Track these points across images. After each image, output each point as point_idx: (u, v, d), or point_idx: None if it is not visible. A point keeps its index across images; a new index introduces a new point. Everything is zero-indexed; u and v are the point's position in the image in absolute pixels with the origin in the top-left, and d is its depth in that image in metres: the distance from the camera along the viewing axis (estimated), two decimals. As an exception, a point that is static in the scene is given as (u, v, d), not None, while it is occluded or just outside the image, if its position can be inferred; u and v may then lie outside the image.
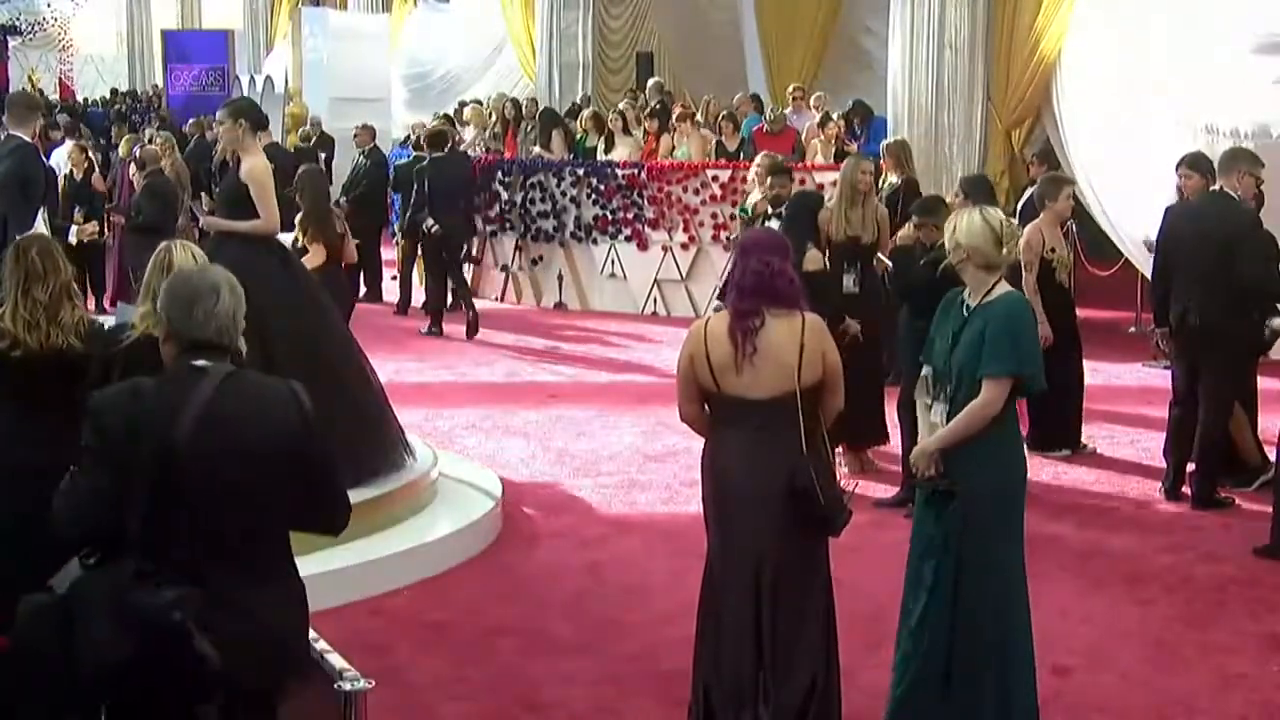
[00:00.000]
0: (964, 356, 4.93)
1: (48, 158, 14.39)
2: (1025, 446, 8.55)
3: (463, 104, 19.75)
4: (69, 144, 15.52)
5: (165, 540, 3.55)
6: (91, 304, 13.95)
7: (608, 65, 21.00)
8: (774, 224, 8.73)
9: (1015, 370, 4.90)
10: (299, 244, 10.58)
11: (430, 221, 13.83)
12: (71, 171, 14.12)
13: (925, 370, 5.08)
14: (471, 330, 13.50)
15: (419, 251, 14.69)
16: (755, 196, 10.59)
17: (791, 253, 5.06)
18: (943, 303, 5.18)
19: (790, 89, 16.98)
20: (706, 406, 4.99)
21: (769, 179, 9.73)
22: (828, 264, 8.46)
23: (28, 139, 9.37)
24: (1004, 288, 5.02)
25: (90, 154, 14.96)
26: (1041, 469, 8.75)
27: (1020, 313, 5.00)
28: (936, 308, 5.24)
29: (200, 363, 3.68)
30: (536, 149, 16.09)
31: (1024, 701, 5.03)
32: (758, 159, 11.26)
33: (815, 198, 9.11)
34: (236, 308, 3.77)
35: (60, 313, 4.88)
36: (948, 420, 4.94)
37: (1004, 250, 5.01)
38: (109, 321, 6.75)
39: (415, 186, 14.24)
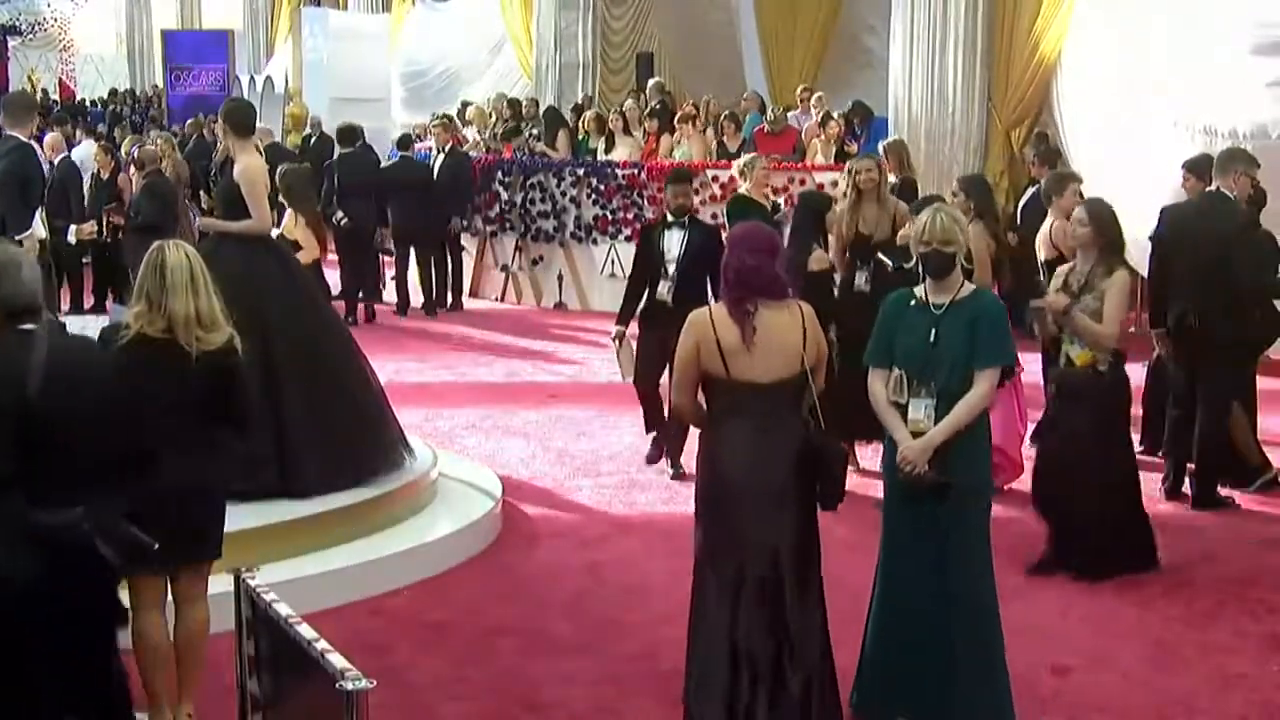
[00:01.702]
0: (955, 351, 5.03)
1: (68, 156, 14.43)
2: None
3: (466, 104, 19.77)
4: (89, 143, 15.53)
5: (37, 475, 4.06)
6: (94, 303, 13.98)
7: (609, 66, 21.00)
8: (676, 233, 8.50)
9: (1007, 361, 5.15)
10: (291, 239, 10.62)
11: (339, 214, 14.36)
12: (98, 171, 14.15)
13: (896, 371, 5.13)
14: (368, 316, 14.33)
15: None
16: (744, 186, 10.64)
17: (779, 248, 5.15)
18: (891, 306, 5.27)
19: (799, 90, 17.01)
20: (703, 399, 5.07)
21: (668, 188, 8.84)
22: (837, 263, 8.58)
23: (25, 139, 9.37)
24: (969, 284, 5.24)
25: (114, 154, 14.95)
26: (1041, 469, 8.75)
27: (1003, 308, 5.25)
28: None
29: (26, 326, 4.18)
30: (540, 146, 16.11)
31: (1007, 698, 5.09)
32: (743, 159, 11.26)
33: (821, 198, 9.11)
34: (35, 279, 4.29)
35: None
36: (936, 414, 4.99)
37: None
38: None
39: (325, 180, 14.89)
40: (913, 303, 5.18)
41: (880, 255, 8.61)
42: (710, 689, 4.97)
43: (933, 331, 5.07)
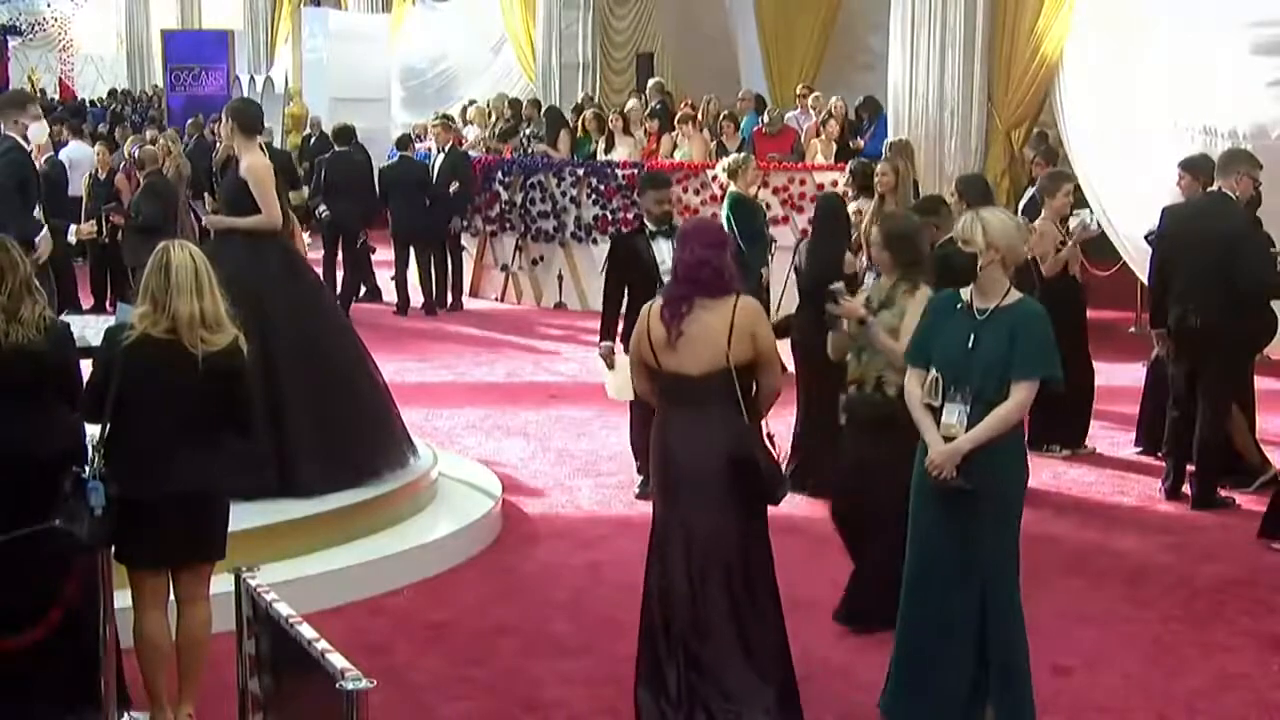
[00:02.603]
0: (991, 358, 4.94)
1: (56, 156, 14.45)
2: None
3: (472, 103, 19.78)
4: (76, 144, 15.51)
5: None
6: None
7: (612, 66, 20.99)
8: (664, 241, 7.84)
9: (1047, 374, 4.98)
10: None
11: (322, 208, 14.78)
12: (96, 171, 14.14)
13: (932, 373, 5.09)
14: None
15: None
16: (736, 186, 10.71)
17: (727, 242, 5.24)
18: (936, 306, 5.22)
19: (797, 89, 17.00)
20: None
21: (649, 194, 8.25)
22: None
23: (19, 138, 9.36)
24: (1017, 292, 5.07)
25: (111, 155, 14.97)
26: (1041, 469, 8.74)
27: (1046, 318, 5.07)
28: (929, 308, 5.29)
29: None
30: (540, 146, 16.11)
31: (1029, 705, 5.07)
32: (731, 158, 11.29)
33: (836, 197, 9.11)
34: None
35: (20, 309, 4.88)
36: (969, 421, 4.95)
37: (1026, 248, 5.08)
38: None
39: (314, 176, 15.38)
40: (959, 305, 5.09)
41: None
42: (643, 674, 5.15)
43: (972, 336, 4.99)
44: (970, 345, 4.98)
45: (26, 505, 4.72)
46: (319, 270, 14.60)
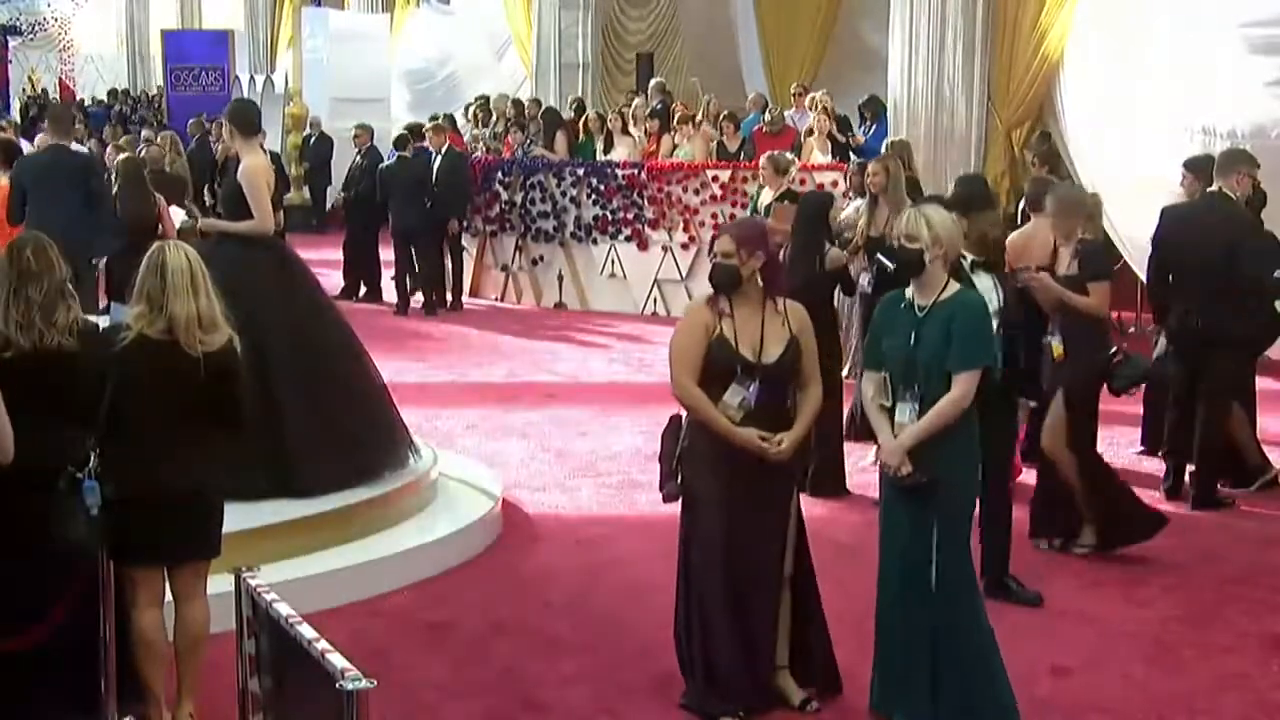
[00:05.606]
0: (931, 353, 4.99)
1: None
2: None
3: (471, 105, 19.82)
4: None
5: None
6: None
7: (620, 67, 21.02)
8: (985, 278, 6.70)
9: (985, 362, 5.03)
10: None
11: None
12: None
13: (881, 373, 5.14)
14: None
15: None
16: (766, 196, 10.67)
17: (762, 240, 5.34)
18: (883, 306, 5.26)
19: (792, 88, 17.02)
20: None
21: (983, 214, 6.83)
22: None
23: (78, 147, 9.80)
24: (955, 285, 5.13)
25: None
26: (1041, 469, 8.75)
27: (985, 309, 5.20)
28: None
29: None
30: (538, 149, 16.12)
31: (1004, 684, 5.09)
32: (764, 158, 11.30)
33: (823, 197, 9.14)
34: None
35: (55, 313, 4.86)
36: (918, 418, 4.99)
37: (961, 245, 5.19)
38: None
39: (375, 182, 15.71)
40: (903, 304, 5.15)
41: (879, 255, 8.60)
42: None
43: (913, 334, 5.04)
44: (912, 343, 5.03)
45: (31, 506, 4.72)
46: (390, 272, 14.97)
